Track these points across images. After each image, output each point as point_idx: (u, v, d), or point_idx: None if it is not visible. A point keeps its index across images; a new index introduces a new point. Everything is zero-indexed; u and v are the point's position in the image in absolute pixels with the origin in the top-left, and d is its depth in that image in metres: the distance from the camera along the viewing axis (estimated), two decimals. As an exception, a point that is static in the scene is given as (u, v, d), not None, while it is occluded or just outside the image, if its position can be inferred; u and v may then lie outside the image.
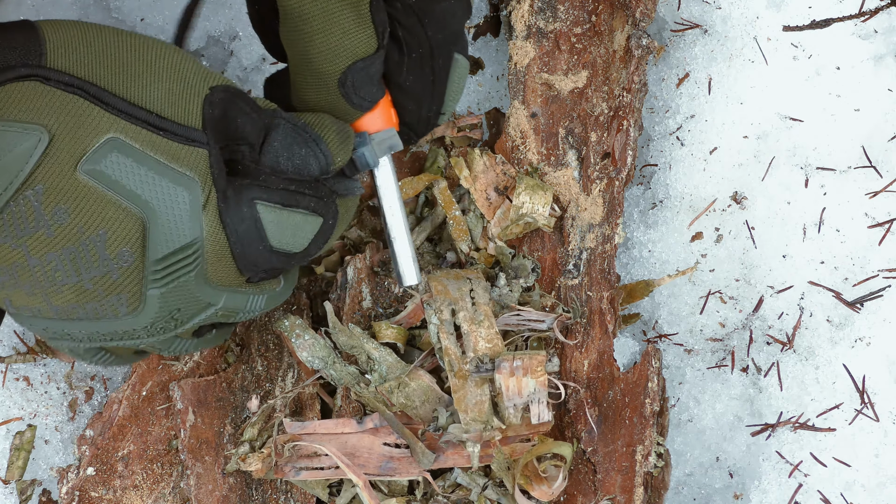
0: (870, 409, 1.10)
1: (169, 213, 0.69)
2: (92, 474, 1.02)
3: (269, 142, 0.76)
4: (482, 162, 1.09)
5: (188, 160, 0.69)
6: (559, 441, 1.00)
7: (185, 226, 0.70)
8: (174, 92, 0.70)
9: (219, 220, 0.71)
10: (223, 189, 0.71)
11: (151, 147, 0.68)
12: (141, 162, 0.68)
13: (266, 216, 0.74)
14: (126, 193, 0.68)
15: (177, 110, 0.70)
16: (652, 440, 0.99)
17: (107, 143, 0.67)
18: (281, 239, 0.76)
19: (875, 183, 1.14)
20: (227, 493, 1.01)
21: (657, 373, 1.01)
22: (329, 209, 0.79)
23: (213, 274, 0.74)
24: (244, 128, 0.74)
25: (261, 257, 0.76)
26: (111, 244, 0.68)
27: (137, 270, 0.70)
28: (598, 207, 1.07)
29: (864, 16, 1.13)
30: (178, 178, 0.69)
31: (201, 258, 0.72)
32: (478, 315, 1.01)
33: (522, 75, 1.12)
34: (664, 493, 1.00)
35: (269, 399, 1.03)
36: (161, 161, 0.68)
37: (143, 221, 0.69)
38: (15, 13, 1.15)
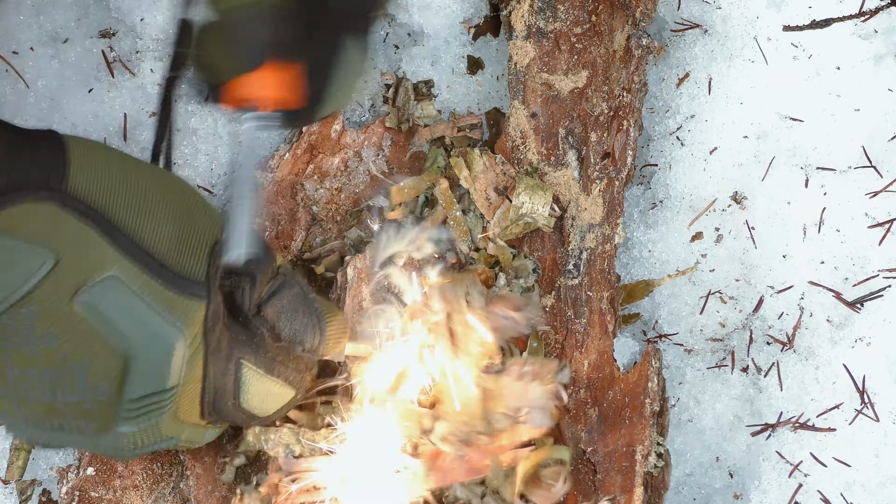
0: (870, 409, 1.10)
1: (152, 359, 0.69)
2: (92, 474, 1.02)
3: (278, 296, 0.77)
4: (482, 162, 1.09)
5: (182, 311, 0.69)
6: (557, 445, 1.00)
7: (165, 372, 0.70)
8: (183, 239, 0.70)
9: (202, 369, 0.71)
10: (215, 341, 0.72)
11: (149, 292, 0.68)
12: (135, 305, 0.68)
13: (247, 378, 0.75)
14: (114, 332, 0.68)
15: (181, 260, 0.70)
16: (652, 440, 0.99)
17: (107, 279, 0.67)
18: (251, 402, 0.77)
19: (875, 183, 1.14)
20: (227, 494, 1.01)
21: (657, 373, 1.01)
22: (302, 384, 0.81)
23: (182, 413, 0.74)
24: (251, 265, 0.74)
25: (226, 411, 0.77)
26: (91, 376, 0.68)
27: (112, 405, 0.70)
28: (598, 207, 1.07)
29: (864, 16, 1.13)
30: (167, 328, 0.69)
31: (173, 403, 0.72)
32: (472, 319, 1.01)
33: (522, 75, 1.12)
34: (664, 493, 1.00)
35: None
36: (155, 308, 0.68)
37: (125, 361, 0.68)
38: (15, 13, 1.15)
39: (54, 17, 1.16)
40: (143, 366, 0.69)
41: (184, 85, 0.79)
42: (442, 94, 1.19)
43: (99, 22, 1.17)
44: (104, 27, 1.17)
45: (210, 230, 0.72)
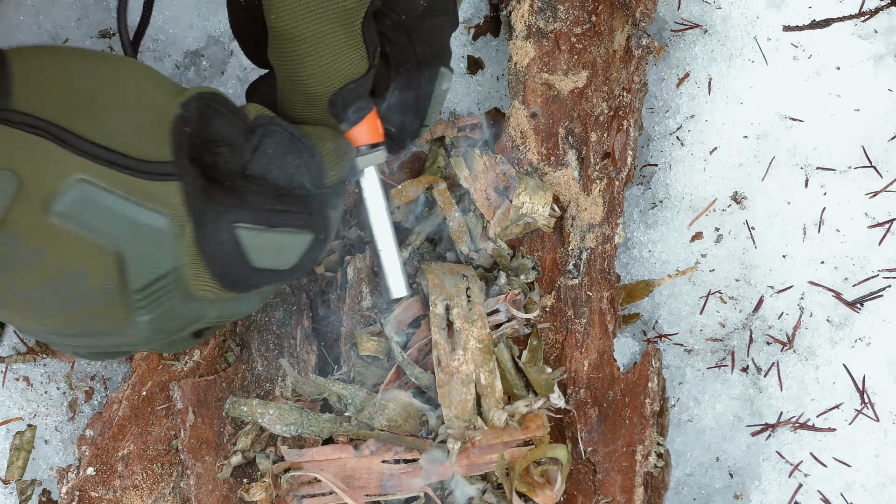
0: (870, 409, 1.10)
1: (142, 248, 0.69)
2: (92, 474, 1.02)
3: (261, 148, 0.75)
4: (482, 162, 1.09)
5: (158, 195, 0.69)
6: (554, 444, 1.00)
7: (159, 258, 0.69)
8: (141, 124, 0.69)
9: (195, 246, 0.71)
10: (200, 216, 0.71)
11: (120, 185, 0.67)
12: (109, 202, 0.67)
13: (248, 240, 0.73)
14: (97, 233, 0.67)
15: (143, 145, 0.69)
16: (652, 440, 0.99)
17: (74, 184, 0.66)
18: (265, 260, 0.75)
19: (875, 183, 1.14)
20: (227, 494, 1.01)
21: (657, 373, 1.01)
22: (320, 223, 0.78)
23: (199, 291, 0.73)
24: (221, 129, 0.73)
25: (245, 277, 0.75)
26: (91, 278, 0.68)
27: (121, 299, 0.70)
28: (598, 207, 1.07)
29: (864, 16, 1.13)
30: (147, 215, 0.68)
31: (182, 282, 0.72)
32: (472, 314, 1.01)
33: (522, 75, 1.12)
34: (664, 493, 1.00)
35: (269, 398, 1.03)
36: (130, 199, 0.68)
37: (118, 256, 0.68)
38: (15, 13, 1.15)
39: (54, 17, 1.16)
40: (136, 256, 0.68)
41: None
42: (442, 94, 1.18)
43: (99, 22, 1.17)
44: (104, 27, 1.18)
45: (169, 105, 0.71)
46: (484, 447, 0.99)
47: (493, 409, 0.99)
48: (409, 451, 1.00)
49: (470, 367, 1.00)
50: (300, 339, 1.06)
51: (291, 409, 1.01)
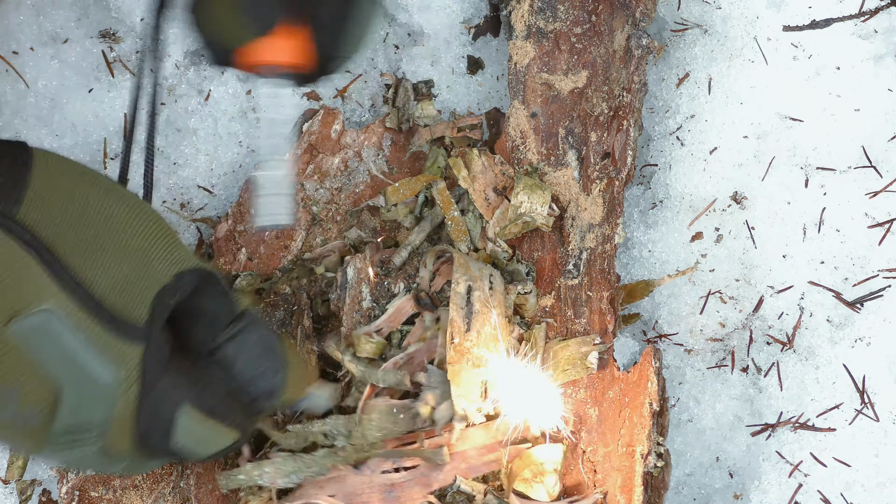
0: (870, 409, 1.10)
1: (82, 395, 0.68)
2: (92, 474, 1.02)
3: (240, 338, 0.75)
4: (480, 162, 1.09)
5: (117, 352, 0.68)
6: (550, 445, 1.00)
7: (94, 409, 0.69)
8: (130, 280, 0.69)
9: (134, 409, 0.71)
10: (150, 384, 0.70)
11: (84, 330, 0.67)
12: (68, 341, 0.67)
13: (184, 420, 0.73)
14: (46, 364, 0.67)
15: (123, 303, 0.69)
16: (652, 440, 0.99)
17: (42, 312, 0.66)
18: (187, 442, 0.75)
19: (875, 183, 1.14)
20: (228, 493, 1.01)
21: (657, 373, 1.01)
22: (248, 428, 0.79)
23: (113, 448, 0.73)
24: (208, 304, 0.73)
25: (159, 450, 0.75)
26: (22, 403, 0.68)
27: (41, 432, 0.69)
28: (598, 207, 1.07)
29: (864, 16, 1.13)
30: (99, 367, 0.68)
31: (102, 438, 0.71)
32: (492, 300, 1.01)
33: (522, 75, 1.12)
34: (664, 493, 1.00)
35: None
36: (88, 347, 0.67)
37: (56, 393, 0.68)
38: (15, 13, 1.15)
39: (54, 17, 1.16)
40: (72, 401, 0.68)
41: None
42: (442, 94, 1.19)
43: (99, 22, 1.17)
44: (104, 27, 1.17)
45: (164, 271, 0.71)
46: (481, 448, 0.99)
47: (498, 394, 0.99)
48: (409, 459, 0.99)
49: (482, 350, 1.00)
50: (300, 339, 1.06)
51: (285, 460, 0.99)
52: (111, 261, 0.69)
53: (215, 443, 0.77)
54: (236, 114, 1.17)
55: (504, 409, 0.99)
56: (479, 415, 0.99)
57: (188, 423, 0.74)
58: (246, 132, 1.17)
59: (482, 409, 0.99)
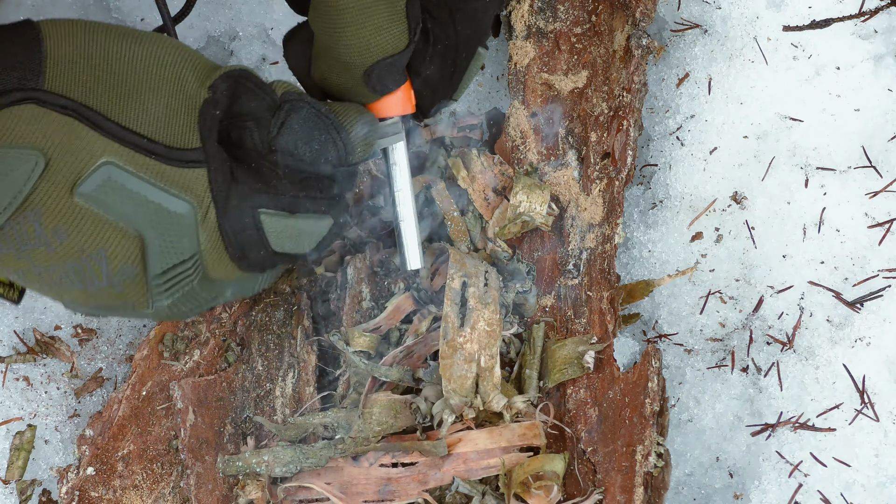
0: (870, 409, 1.10)
1: (165, 233, 0.69)
2: (92, 474, 1.02)
3: (288, 123, 0.75)
4: (480, 162, 1.09)
5: (183, 182, 0.69)
6: (551, 455, 1.00)
7: (181, 243, 0.70)
8: (171, 108, 0.70)
9: (217, 231, 0.71)
10: (224, 201, 0.71)
11: (146, 170, 0.68)
12: (134, 186, 0.68)
13: (269, 225, 0.74)
14: (121, 216, 0.68)
15: (172, 132, 0.69)
16: (652, 440, 0.99)
17: (101, 167, 0.67)
18: (285, 244, 0.76)
19: (875, 183, 1.14)
20: (227, 493, 1.01)
21: (657, 373, 1.01)
22: (339, 208, 0.79)
23: (216, 273, 0.74)
24: (249, 104, 0.73)
25: (263, 260, 0.76)
26: (112, 261, 0.69)
27: (141, 283, 0.70)
28: (598, 207, 1.07)
29: (864, 16, 1.13)
30: (172, 201, 0.69)
31: (201, 266, 0.72)
32: (486, 297, 1.02)
33: (522, 75, 1.12)
34: (664, 493, 1.00)
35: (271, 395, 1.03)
36: (155, 184, 0.68)
37: (141, 240, 0.69)
38: (15, 13, 1.15)
39: (54, 18, 1.16)
40: (158, 242, 0.69)
41: None
42: (442, 94, 1.18)
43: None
44: (104, 27, 1.17)
45: (197, 89, 0.71)
46: (482, 452, 0.99)
47: (491, 392, 0.99)
48: (407, 455, 1.00)
49: (474, 346, 1.00)
50: (300, 339, 1.06)
51: (285, 449, 1.00)
52: (147, 98, 0.69)
53: (312, 235, 0.77)
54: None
55: None
56: (470, 410, 0.99)
57: (274, 226, 0.74)
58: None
59: (475, 405, 0.99)
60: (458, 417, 0.99)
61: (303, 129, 0.75)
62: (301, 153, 0.75)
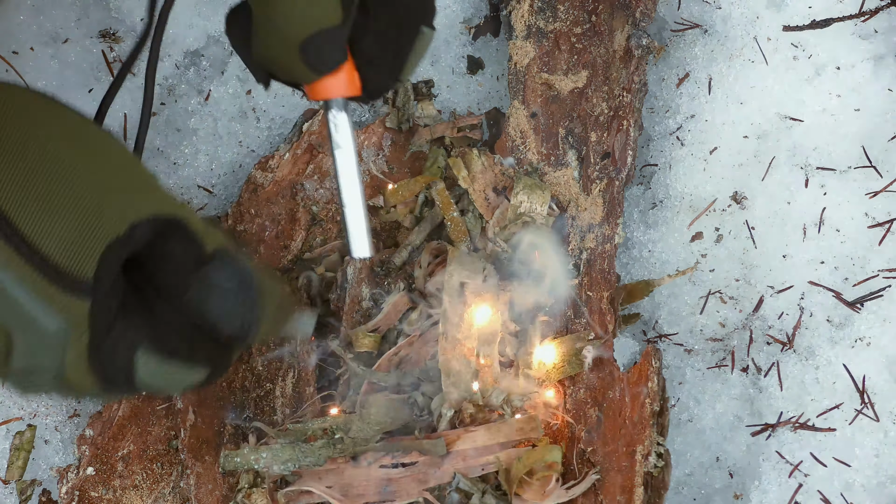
0: (870, 409, 1.10)
1: (30, 341, 0.69)
2: (92, 474, 1.02)
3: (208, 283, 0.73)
4: (480, 162, 1.09)
5: (64, 304, 0.68)
6: (548, 446, 1.00)
7: (44, 355, 0.69)
8: (79, 235, 0.68)
9: (86, 356, 0.71)
10: (101, 334, 0.70)
11: (30, 283, 0.67)
12: (14, 291, 0.67)
13: (142, 365, 0.72)
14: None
15: (72, 256, 0.68)
16: (652, 440, 0.99)
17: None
18: (152, 383, 0.74)
19: (875, 183, 1.14)
20: (227, 493, 1.01)
21: (657, 373, 1.01)
22: (222, 360, 0.77)
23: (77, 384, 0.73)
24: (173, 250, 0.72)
25: (124, 391, 0.74)
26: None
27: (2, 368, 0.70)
28: (598, 207, 1.07)
29: (864, 16, 1.13)
30: (44, 318, 0.68)
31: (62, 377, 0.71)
32: (486, 294, 1.02)
33: (522, 75, 1.12)
34: (664, 493, 1.00)
35: (269, 400, 1.03)
36: (34, 298, 0.67)
37: (7, 336, 0.69)
38: (15, 13, 1.15)
39: (54, 17, 1.16)
40: (23, 345, 0.68)
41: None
42: (442, 94, 1.18)
43: (99, 22, 1.17)
44: (104, 27, 1.17)
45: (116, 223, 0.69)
46: (481, 448, 0.99)
47: (490, 387, 0.99)
48: (407, 455, 0.99)
49: (473, 343, 1.00)
50: (301, 339, 1.06)
51: (283, 447, 1.00)
52: (62, 217, 0.68)
53: (181, 381, 0.75)
54: (236, 114, 1.17)
55: None
56: (469, 405, 0.99)
57: (147, 365, 0.72)
58: (246, 132, 1.17)
59: (474, 399, 1.00)
60: (456, 413, 1.00)
61: (221, 292, 0.74)
62: (208, 311, 0.74)
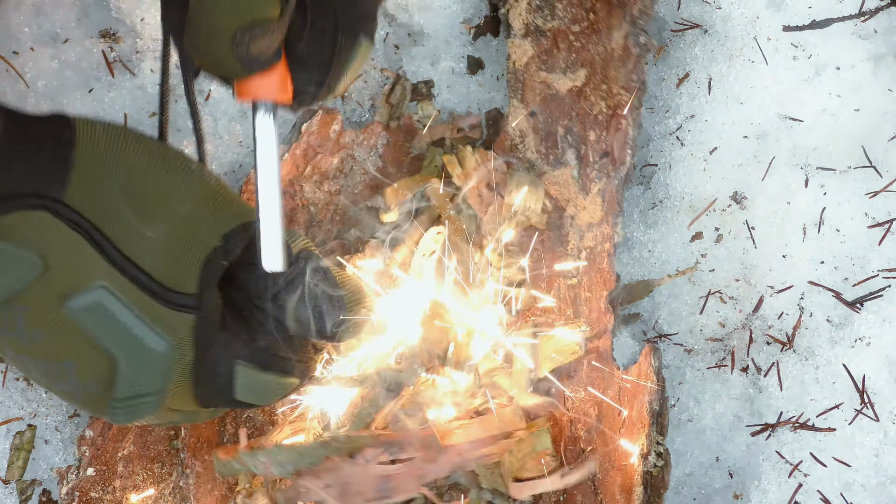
0: (870, 409, 1.10)
1: (138, 366, 0.70)
2: (92, 475, 1.02)
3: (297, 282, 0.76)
4: (474, 159, 1.09)
5: (169, 322, 0.70)
6: (535, 433, 1.00)
7: (151, 378, 0.71)
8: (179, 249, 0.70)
9: (190, 373, 0.72)
10: (205, 348, 0.72)
11: (136, 303, 0.69)
12: (121, 315, 0.69)
13: (241, 377, 0.74)
14: (102, 338, 0.69)
15: (172, 272, 0.70)
16: (652, 440, 0.99)
17: (96, 289, 0.68)
18: (247, 396, 0.76)
19: (875, 183, 1.14)
20: (227, 493, 1.01)
21: (657, 373, 1.01)
22: (307, 371, 0.80)
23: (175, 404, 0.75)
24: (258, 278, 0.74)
25: (223, 404, 0.77)
26: (80, 374, 0.70)
27: (102, 400, 0.71)
28: (597, 207, 1.07)
29: (864, 16, 1.13)
30: (153, 338, 0.70)
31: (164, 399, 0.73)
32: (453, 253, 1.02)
33: (521, 74, 1.12)
34: (664, 493, 1.00)
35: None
36: (141, 318, 0.69)
37: (114, 364, 0.69)
38: (15, 13, 1.16)
39: (54, 18, 1.16)
40: (129, 371, 0.70)
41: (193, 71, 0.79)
42: (442, 94, 1.19)
43: (99, 22, 1.17)
44: (104, 27, 1.18)
45: (211, 234, 0.72)
46: (475, 442, 0.99)
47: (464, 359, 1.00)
48: (404, 450, 1.00)
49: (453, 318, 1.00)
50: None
51: (280, 449, 1.00)
52: (158, 234, 0.70)
53: (275, 392, 0.78)
54: (236, 114, 1.17)
55: None
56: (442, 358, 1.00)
57: (246, 379, 0.75)
58: (246, 132, 1.17)
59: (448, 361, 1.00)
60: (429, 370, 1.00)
61: (310, 291, 0.76)
62: (298, 314, 0.76)
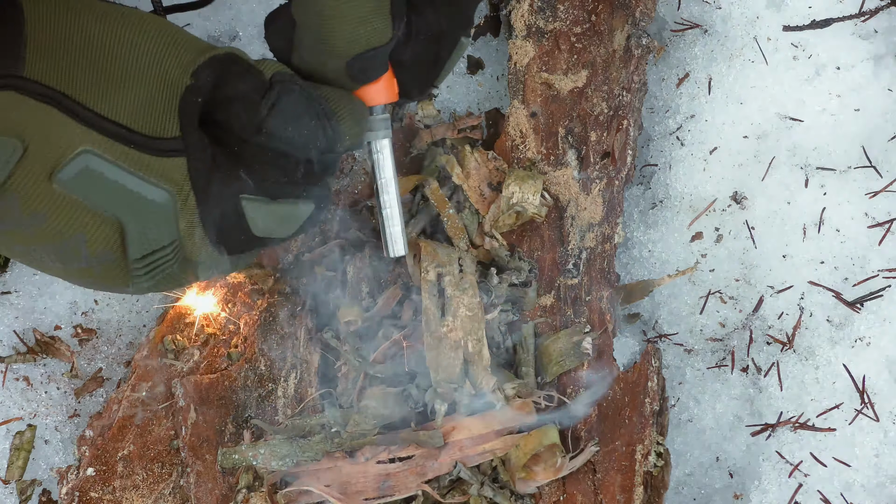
0: (870, 409, 1.10)
1: (143, 221, 0.69)
2: (92, 474, 1.02)
3: (278, 105, 0.74)
4: (473, 159, 1.09)
5: (162, 170, 0.69)
6: (543, 429, 1.00)
7: (160, 231, 0.70)
8: (151, 96, 0.69)
9: (197, 218, 0.71)
10: (204, 189, 0.71)
11: (124, 159, 0.68)
12: (112, 174, 0.68)
13: (250, 211, 0.74)
14: (100, 203, 0.68)
15: (151, 120, 0.69)
16: (652, 440, 0.99)
17: (79, 155, 0.67)
18: (266, 229, 0.76)
19: (875, 183, 1.14)
20: (227, 492, 1.01)
21: (657, 373, 1.01)
22: (322, 193, 0.79)
23: (198, 257, 0.74)
24: (236, 87, 0.73)
25: (243, 245, 0.76)
26: (91, 245, 0.69)
27: (120, 266, 0.71)
28: (597, 207, 1.07)
29: (864, 16, 1.13)
30: (150, 189, 0.69)
31: (181, 251, 0.72)
32: (463, 283, 1.02)
33: (522, 75, 1.12)
34: (664, 493, 1.00)
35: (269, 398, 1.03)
36: (133, 173, 0.68)
37: (120, 226, 0.69)
38: (15, 13, 1.15)
39: None
40: (137, 229, 0.69)
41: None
42: (442, 94, 1.19)
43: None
44: None
45: (179, 75, 0.71)
46: (477, 437, 1.00)
47: (480, 374, 0.99)
48: (403, 449, 1.00)
49: (459, 333, 1.00)
50: (303, 340, 1.06)
51: (281, 443, 1.00)
52: (127, 86, 0.69)
53: (293, 219, 0.77)
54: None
55: None
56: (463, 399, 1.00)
57: (255, 212, 0.74)
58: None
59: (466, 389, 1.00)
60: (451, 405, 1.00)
61: (293, 111, 0.75)
62: (290, 136, 0.75)
